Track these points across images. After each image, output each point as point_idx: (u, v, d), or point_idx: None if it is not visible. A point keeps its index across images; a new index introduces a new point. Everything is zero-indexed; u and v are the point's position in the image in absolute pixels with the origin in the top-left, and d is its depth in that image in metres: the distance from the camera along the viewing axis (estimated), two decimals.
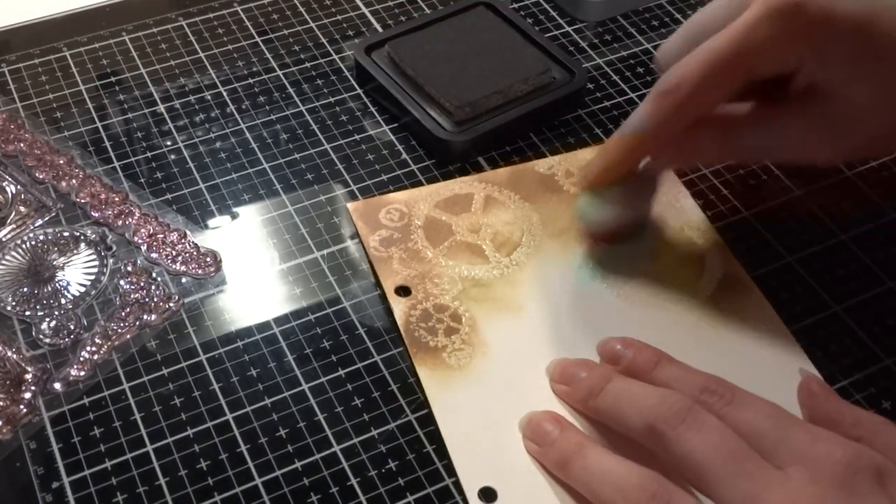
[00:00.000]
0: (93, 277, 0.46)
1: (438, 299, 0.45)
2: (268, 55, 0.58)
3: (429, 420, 0.41)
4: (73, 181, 0.50)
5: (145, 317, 0.45)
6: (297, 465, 0.40)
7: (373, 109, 0.55)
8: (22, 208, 0.49)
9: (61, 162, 0.51)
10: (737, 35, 0.40)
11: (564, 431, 0.39)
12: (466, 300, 0.45)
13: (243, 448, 0.40)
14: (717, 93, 0.42)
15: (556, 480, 0.39)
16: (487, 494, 0.38)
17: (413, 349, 0.43)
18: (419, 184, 0.51)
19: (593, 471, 0.37)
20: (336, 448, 0.40)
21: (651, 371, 0.40)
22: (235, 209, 0.50)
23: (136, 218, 0.49)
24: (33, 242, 0.48)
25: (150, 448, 0.40)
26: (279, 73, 0.57)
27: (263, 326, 0.44)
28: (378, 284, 0.46)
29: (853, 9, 0.39)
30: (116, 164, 0.51)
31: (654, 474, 0.35)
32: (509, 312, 0.45)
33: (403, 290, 0.45)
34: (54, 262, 0.47)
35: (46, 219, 0.49)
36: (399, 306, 0.45)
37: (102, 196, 0.49)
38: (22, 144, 0.52)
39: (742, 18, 0.40)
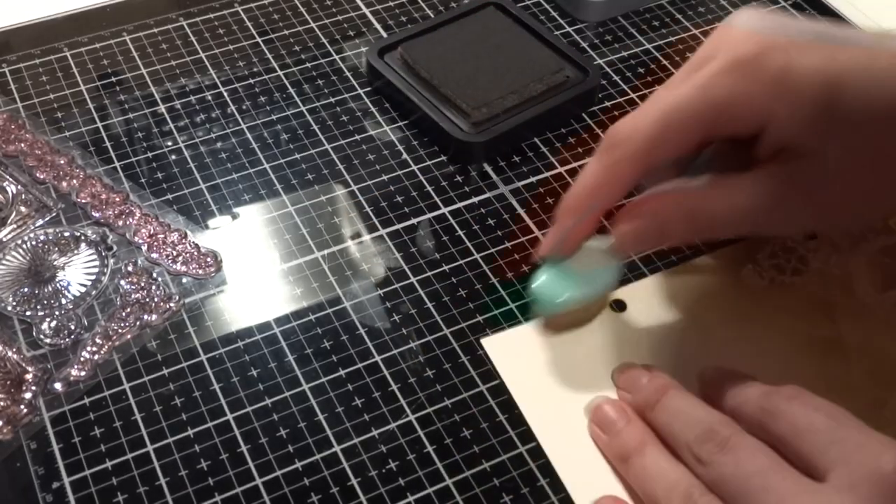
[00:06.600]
0: (93, 277, 0.46)
1: None
2: (268, 55, 0.58)
3: (429, 420, 0.41)
4: (74, 181, 0.50)
5: (146, 317, 0.45)
6: (298, 465, 0.40)
7: (374, 110, 0.55)
8: (23, 208, 0.49)
9: (62, 162, 0.51)
10: (695, 88, 0.38)
11: (629, 424, 0.39)
12: None
13: (244, 448, 0.40)
14: (670, 148, 0.39)
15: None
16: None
17: None
18: (420, 185, 0.51)
19: (649, 471, 0.37)
20: (336, 448, 0.40)
21: (655, 405, 0.39)
22: (236, 209, 0.50)
23: (136, 218, 0.49)
24: (34, 242, 0.48)
25: (150, 448, 0.40)
26: (280, 73, 0.57)
27: (264, 326, 0.44)
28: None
29: (814, 65, 0.36)
30: (117, 164, 0.51)
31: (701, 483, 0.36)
32: None
33: None
34: (55, 263, 0.47)
35: (47, 219, 0.49)
36: None
37: (103, 196, 0.49)
38: (23, 144, 0.52)
39: (702, 72, 0.38)
